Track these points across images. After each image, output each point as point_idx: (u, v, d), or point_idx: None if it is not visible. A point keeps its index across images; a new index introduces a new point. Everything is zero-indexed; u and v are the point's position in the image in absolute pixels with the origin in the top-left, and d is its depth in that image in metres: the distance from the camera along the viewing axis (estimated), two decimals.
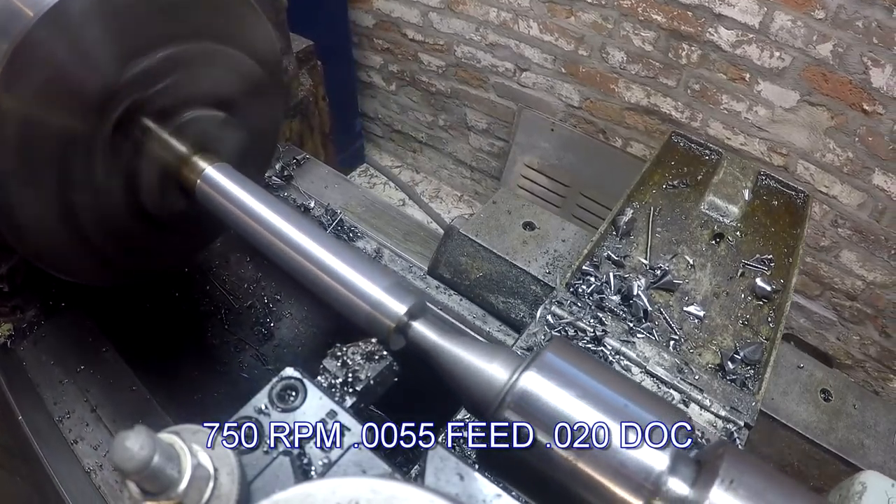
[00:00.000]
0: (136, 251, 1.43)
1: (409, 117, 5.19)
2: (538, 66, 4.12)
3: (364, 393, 0.88)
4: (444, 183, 5.43)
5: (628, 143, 4.06)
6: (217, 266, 1.97)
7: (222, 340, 1.90)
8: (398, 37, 4.68)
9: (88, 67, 1.11)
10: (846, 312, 3.68)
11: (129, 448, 0.52)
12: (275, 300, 1.93)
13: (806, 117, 3.27)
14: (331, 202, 1.85)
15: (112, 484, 1.37)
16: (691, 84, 3.57)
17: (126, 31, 1.13)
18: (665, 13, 3.40)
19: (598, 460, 0.70)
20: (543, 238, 1.63)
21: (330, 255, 1.04)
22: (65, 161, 1.15)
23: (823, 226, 3.49)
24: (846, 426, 1.37)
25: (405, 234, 1.86)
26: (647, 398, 0.77)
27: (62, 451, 1.42)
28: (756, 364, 1.29)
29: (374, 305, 0.97)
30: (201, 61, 1.28)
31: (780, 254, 1.54)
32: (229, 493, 0.60)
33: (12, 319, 1.62)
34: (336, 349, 0.90)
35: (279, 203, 1.16)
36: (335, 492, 0.52)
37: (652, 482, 0.68)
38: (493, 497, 0.66)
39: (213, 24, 1.28)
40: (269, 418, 0.74)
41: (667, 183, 1.70)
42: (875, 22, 2.81)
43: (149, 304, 1.88)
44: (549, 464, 0.73)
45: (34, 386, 1.53)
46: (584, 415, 0.73)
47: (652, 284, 1.42)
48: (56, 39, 1.04)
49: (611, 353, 1.25)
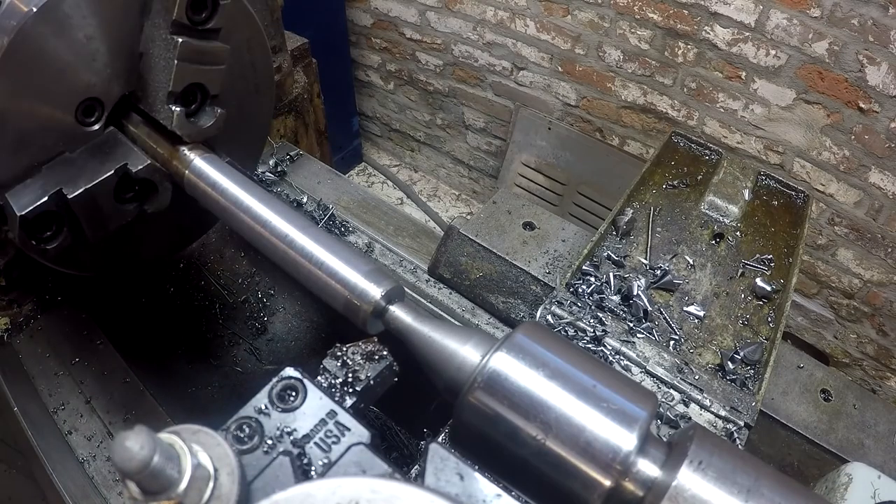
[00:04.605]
0: (124, 239, 1.44)
1: (407, 116, 5.18)
2: (535, 65, 4.12)
3: (364, 393, 0.87)
4: (441, 182, 5.43)
5: (625, 142, 4.07)
6: (212, 261, 1.98)
7: (216, 334, 1.91)
8: (396, 36, 4.68)
9: (80, 61, 1.13)
10: (843, 311, 3.69)
11: (130, 448, 0.51)
12: (269, 295, 1.94)
13: (802, 115, 3.27)
14: (323, 197, 1.86)
15: (105, 474, 1.39)
16: (687, 82, 3.57)
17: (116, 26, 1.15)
18: (661, 11, 3.41)
19: (565, 440, 0.70)
20: (543, 238, 1.62)
21: (311, 242, 1.07)
22: (56, 153, 1.18)
23: (820, 224, 3.50)
24: (846, 426, 1.37)
25: (396, 228, 1.86)
26: (617, 380, 0.77)
27: (56, 442, 1.44)
28: (756, 364, 1.29)
29: (352, 290, 0.99)
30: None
31: (780, 254, 1.54)
32: (229, 493, 0.59)
33: (9, 313, 1.64)
34: (336, 349, 0.89)
35: (264, 192, 1.18)
36: (335, 492, 0.52)
37: (620, 462, 0.68)
38: (493, 497, 0.65)
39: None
40: (269, 418, 0.73)
41: (667, 183, 1.70)
42: (870, 20, 2.82)
43: (144, 298, 1.89)
44: (517, 443, 0.73)
45: (30, 378, 1.55)
46: (552, 395, 0.73)
47: (652, 284, 1.42)
48: (49, 34, 1.06)
49: (611, 353, 1.25)
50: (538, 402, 0.72)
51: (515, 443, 0.73)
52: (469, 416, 0.76)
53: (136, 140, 1.29)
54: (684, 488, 0.65)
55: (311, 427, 0.73)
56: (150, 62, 1.22)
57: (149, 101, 1.26)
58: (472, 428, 0.76)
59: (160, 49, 1.19)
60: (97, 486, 1.37)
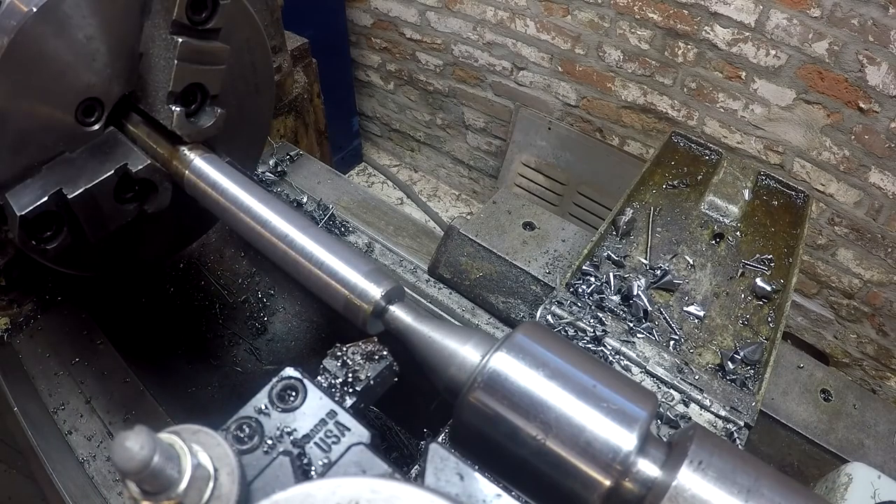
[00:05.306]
0: (124, 239, 1.44)
1: (407, 116, 5.18)
2: (535, 65, 4.12)
3: (364, 393, 0.87)
4: (441, 182, 5.43)
5: (625, 142, 4.07)
6: (212, 261, 1.98)
7: (216, 334, 1.91)
8: (396, 36, 4.68)
9: (80, 61, 1.13)
10: (843, 311, 3.69)
11: (130, 448, 0.51)
12: (269, 295, 1.94)
13: (802, 115, 3.27)
14: (323, 197, 1.86)
15: (105, 474, 1.39)
16: (687, 82, 3.57)
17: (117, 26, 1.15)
18: (661, 11, 3.41)
19: (565, 439, 0.70)
20: (543, 238, 1.62)
21: (311, 242, 1.07)
22: (56, 153, 1.18)
23: (820, 224, 3.50)
24: (846, 426, 1.37)
25: (396, 228, 1.86)
26: (617, 380, 0.77)
27: (56, 442, 1.44)
28: (756, 364, 1.29)
29: (352, 290, 0.99)
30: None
31: (780, 254, 1.54)
32: (229, 493, 0.59)
33: (9, 313, 1.64)
34: (336, 349, 0.89)
35: (264, 192, 1.19)
36: (335, 492, 0.52)
37: (620, 462, 0.68)
38: (493, 497, 0.65)
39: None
40: (269, 418, 0.73)
41: (667, 183, 1.70)
42: (870, 20, 2.82)
43: (144, 298, 1.89)
44: (517, 443, 0.73)
45: (30, 378, 1.55)
46: (552, 395, 0.73)
47: (652, 284, 1.42)
48: (49, 34, 1.06)
49: (611, 353, 1.25)
50: (538, 402, 0.72)
51: (515, 443, 0.73)
52: (469, 416, 0.76)
53: (136, 140, 1.29)
54: (684, 488, 0.65)
55: (311, 427, 0.73)
56: (150, 62, 1.22)
57: (149, 101, 1.26)
58: (472, 428, 0.76)
59: (160, 49, 1.19)
60: (97, 486, 1.37)
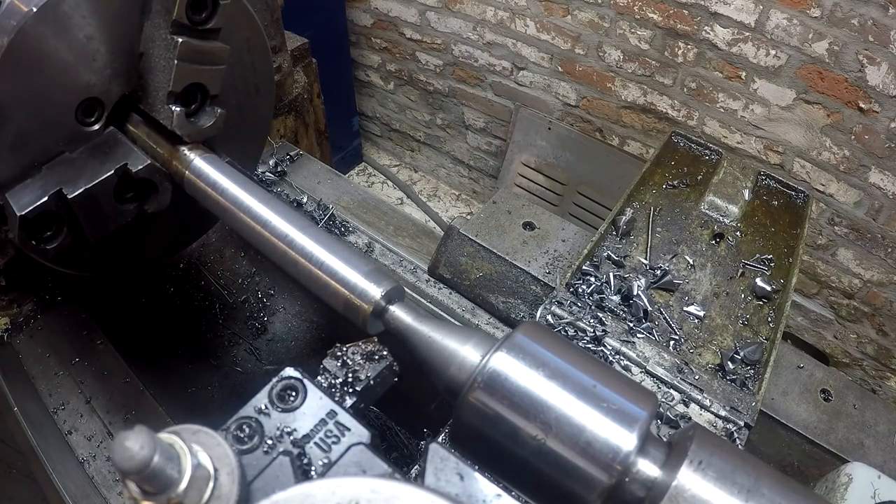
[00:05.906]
0: (124, 239, 1.44)
1: (407, 116, 5.18)
2: (535, 65, 4.12)
3: (364, 393, 0.87)
4: (441, 182, 5.43)
5: (625, 142, 4.07)
6: (212, 261, 1.98)
7: (216, 334, 1.91)
8: (396, 36, 4.68)
9: (80, 61, 1.13)
10: (843, 311, 3.69)
11: (130, 448, 0.51)
12: (269, 295, 1.94)
13: (802, 115, 3.27)
14: (323, 197, 1.86)
15: (105, 474, 1.39)
16: (687, 82, 3.57)
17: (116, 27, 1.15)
18: (661, 11, 3.41)
19: (565, 440, 0.70)
20: (543, 238, 1.62)
21: (311, 242, 1.07)
22: (56, 153, 1.18)
23: (820, 224, 3.50)
24: (846, 426, 1.37)
25: (396, 228, 1.86)
26: (617, 380, 0.77)
27: (56, 442, 1.44)
28: (756, 364, 1.29)
29: (352, 290, 0.99)
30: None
31: (780, 254, 1.54)
32: (229, 493, 0.59)
33: (9, 313, 1.63)
34: (336, 349, 0.89)
35: (264, 192, 1.19)
36: (335, 492, 0.52)
37: (620, 462, 0.68)
38: (493, 497, 0.65)
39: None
40: (269, 418, 0.73)
41: (667, 183, 1.70)
42: (870, 20, 2.82)
43: (144, 298, 1.89)
44: (517, 443, 0.73)
45: (30, 378, 1.55)
46: (552, 395, 0.73)
47: (652, 284, 1.42)
48: (49, 34, 1.06)
49: (611, 353, 1.25)
50: (538, 402, 0.72)
51: (515, 443, 0.73)
52: (469, 416, 0.76)
53: (136, 140, 1.29)
54: (684, 488, 0.65)
55: (311, 427, 0.73)
56: (150, 62, 1.22)
57: (149, 101, 1.26)
58: (472, 428, 0.76)
59: (160, 49, 1.19)
60: (97, 486, 1.37)
